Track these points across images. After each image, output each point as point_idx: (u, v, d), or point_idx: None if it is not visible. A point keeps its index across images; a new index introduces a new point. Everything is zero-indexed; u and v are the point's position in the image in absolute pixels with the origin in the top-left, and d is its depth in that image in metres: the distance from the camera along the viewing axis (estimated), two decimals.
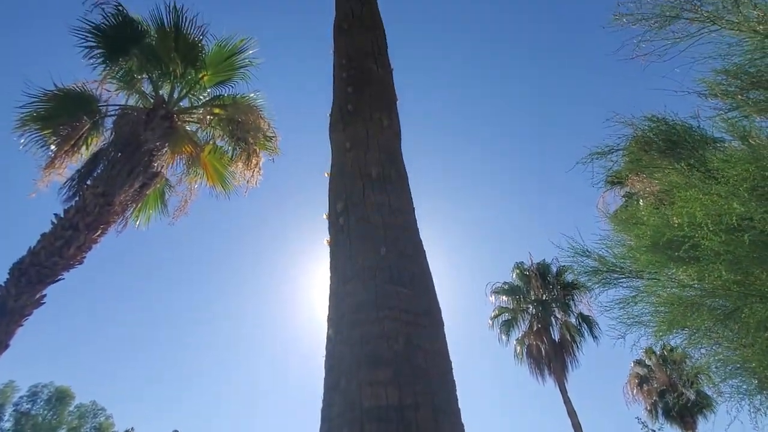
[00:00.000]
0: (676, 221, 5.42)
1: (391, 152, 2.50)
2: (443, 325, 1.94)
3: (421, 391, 1.59)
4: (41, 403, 35.23)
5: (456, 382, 1.78)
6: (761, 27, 5.54)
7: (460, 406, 1.68)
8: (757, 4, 5.55)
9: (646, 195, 8.12)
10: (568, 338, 15.64)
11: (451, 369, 1.81)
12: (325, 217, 2.38)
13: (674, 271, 5.91)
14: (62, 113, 7.05)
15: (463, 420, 1.68)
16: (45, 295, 5.85)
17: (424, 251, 2.19)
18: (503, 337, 16.38)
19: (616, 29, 6.19)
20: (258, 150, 8.16)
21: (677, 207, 5.48)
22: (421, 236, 2.21)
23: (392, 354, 1.69)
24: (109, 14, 6.87)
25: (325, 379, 1.79)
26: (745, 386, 6.03)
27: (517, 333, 16.52)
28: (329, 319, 1.97)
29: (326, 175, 2.52)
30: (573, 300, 16.06)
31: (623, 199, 9.31)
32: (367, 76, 2.85)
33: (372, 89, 2.77)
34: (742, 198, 4.96)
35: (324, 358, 1.88)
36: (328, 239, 2.25)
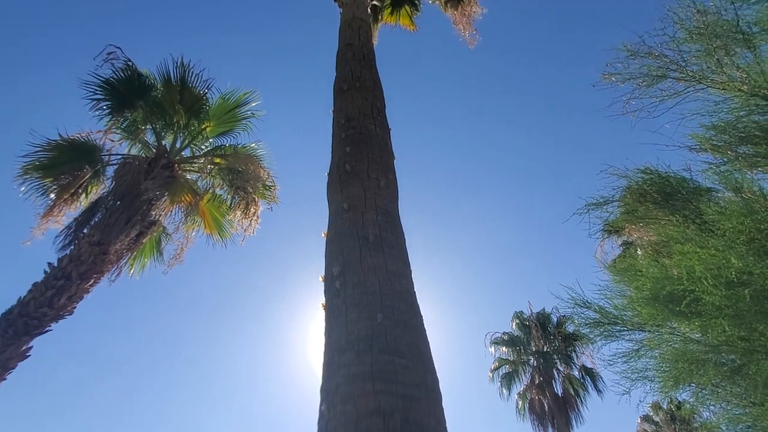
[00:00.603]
0: (676, 273, 5.40)
1: (388, 214, 2.51)
2: (441, 397, 1.87)
3: None
4: None
5: None
6: (745, 87, 5.78)
7: None
8: (739, 65, 5.82)
9: (643, 245, 8.14)
10: (572, 392, 15.12)
11: None
12: (321, 279, 2.35)
13: (677, 325, 5.82)
14: (64, 162, 7.16)
15: None
16: (31, 347, 5.70)
17: (422, 316, 2.15)
18: (504, 390, 15.85)
19: (606, 87, 6.45)
20: (257, 199, 8.23)
21: (676, 260, 5.48)
22: (417, 299, 2.18)
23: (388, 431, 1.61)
24: (118, 69, 7.15)
25: None
26: None
27: (518, 386, 16.00)
28: (322, 391, 1.90)
29: (323, 235, 2.52)
30: (575, 352, 15.67)
31: (621, 248, 9.32)
32: (365, 136, 2.91)
33: (370, 149, 2.83)
34: (740, 252, 4.97)
35: None
36: (324, 303, 2.21)
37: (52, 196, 7.13)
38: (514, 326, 16.80)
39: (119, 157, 7.65)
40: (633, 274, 6.66)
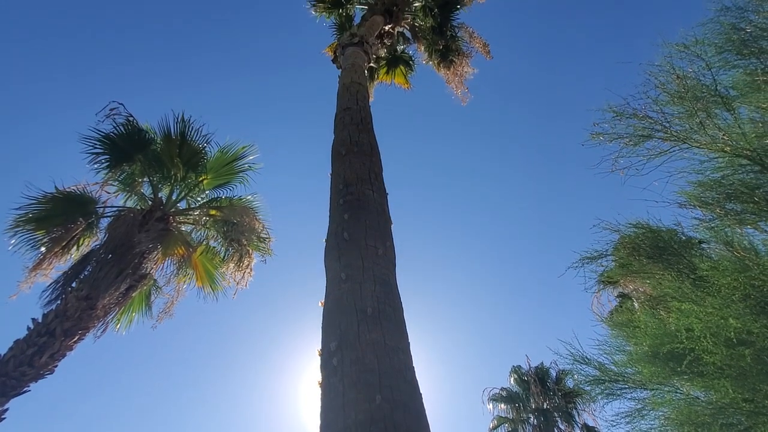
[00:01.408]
0: (674, 328, 5.35)
1: (387, 283, 2.50)
2: None
3: None
4: None
5: None
6: (728, 148, 6.00)
7: None
8: (720, 126, 6.08)
9: (639, 297, 8.10)
10: None
11: None
12: (317, 353, 2.30)
13: (680, 384, 5.69)
14: (58, 215, 7.13)
15: None
16: (7, 410, 5.41)
17: (421, 395, 2.08)
18: None
19: (595, 145, 6.66)
20: (251, 251, 8.18)
21: (674, 317, 5.45)
22: (416, 375, 2.12)
23: None
24: (119, 124, 7.30)
25: None
26: None
27: None
28: None
29: (320, 304, 2.50)
30: (576, 409, 15.12)
31: (617, 300, 9.26)
32: (363, 202, 2.95)
33: (368, 216, 2.86)
34: (737, 311, 4.96)
35: None
36: (320, 381, 2.15)
37: (43, 249, 7.04)
38: (512, 381, 16.29)
39: (114, 209, 7.65)
40: (632, 329, 6.59)
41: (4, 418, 5.40)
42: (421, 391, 2.08)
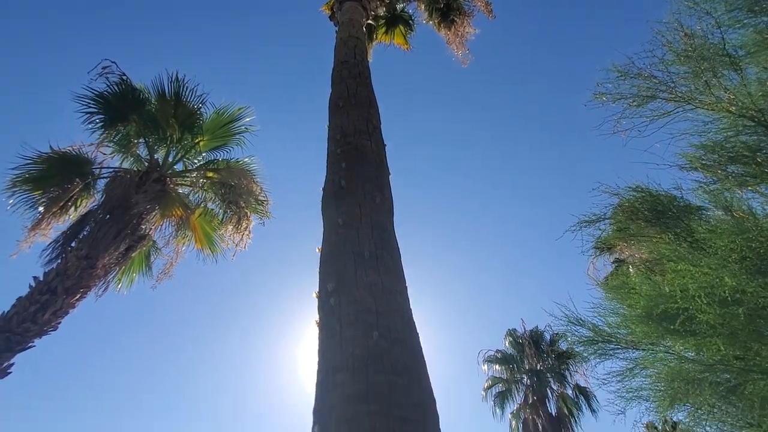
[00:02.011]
0: (668, 290, 5.39)
1: (384, 230, 2.47)
2: (438, 418, 1.80)
3: None
4: None
5: None
6: (733, 108, 5.88)
7: None
8: (726, 87, 5.93)
9: (635, 262, 8.15)
10: (566, 412, 14.91)
11: None
12: (314, 295, 2.29)
13: (672, 343, 5.78)
14: (55, 175, 7.06)
15: None
16: (12, 364, 5.50)
17: (418, 335, 2.09)
18: (497, 410, 15.61)
19: (597, 106, 6.53)
20: (249, 213, 8.15)
21: (669, 278, 5.47)
22: (413, 316, 2.12)
23: None
24: (113, 83, 7.11)
25: None
26: None
27: (511, 405, 15.76)
28: (315, 412, 1.82)
29: (318, 251, 2.47)
30: (569, 370, 15.52)
31: (613, 265, 9.32)
32: (361, 152, 2.89)
33: (365, 165, 2.81)
34: (733, 271, 4.97)
35: None
36: (317, 320, 2.15)
37: (41, 209, 7.00)
38: (507, 344, 16.66)
39: (110, 170, 7.56)
40: (626, 291, 6.64)
41: (10, 372, 5.50)
42: (417, 332, 2.08)
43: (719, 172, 6.12)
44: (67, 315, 6.03)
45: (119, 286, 7.78)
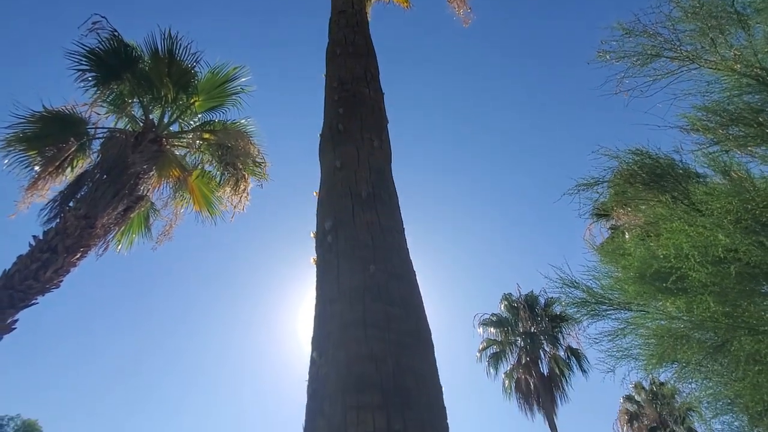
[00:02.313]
0: (662, 253, 5.46)
1: (382, 173, 2.48)
2: (433, 347, 1.86)
3: (411, 417, 1.49)
4: None
5: (446, 409, 1.68)
6: (738, 66, 5.78)
7: None
8: (733, 45, 5.82)
9: (631, 228, 8.21)
10: (557, 372, 15.41)
11: (442, 394, 1.72)
12: (312, 235, 2.31)
13: (662, 302, 5.90)
14: (49, 134, 6.97)
15: None
16: (17, 320, 5.60)
17: (414, 272, 2.13)
18: (491, 370, 16.12)
19: (600, 65, 6.42)
20: (246, 175, 8.11)
21: (664, 238, 5.53)
22: (410, 255, 2.16)
23: (380, 377, 1.60)
24: (104, 39, 6.91)
25: (307, 404, 1.68)
26: (737, 423, 5.92)
27: (505, 366, 16.27)
28: (313, 340, 1.87)
29: (315, 194, 2.48)
30: (561, 333, 15.94)
31: (609, 232, 9.41)
32: (358, 98, 2.86)
33: (363, 110, 2.78)
34: (727, 230, 5.02)
35: (306, 383, 1.77)
36: (315, 258, 2.18)
37: (37, 168, 6.95)
38: (502, 308, 17.02)
39: (105, 130, 7.46)
40: (620, 254, 6.73)
41: (15, 328, 5.61)
42: (414, 270, 2.12)
43: (720, 132, 6.09)
44: (69, 273, 6.10)
45: (119, 247, 7.84)
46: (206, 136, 8.07)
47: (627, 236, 8.26)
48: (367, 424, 1.44)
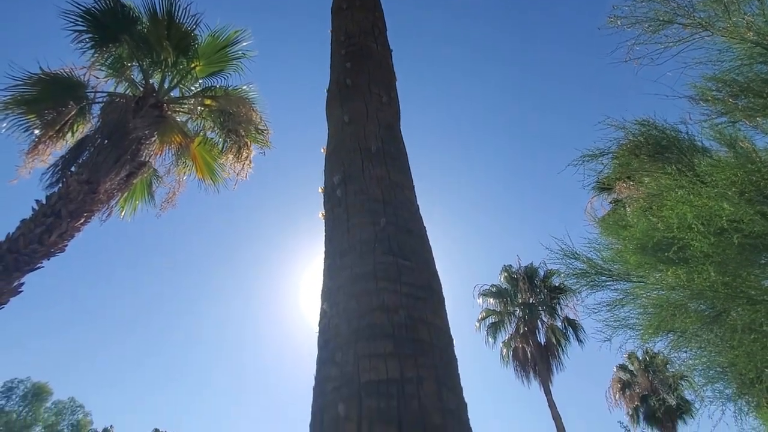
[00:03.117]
0: (662, 226, 5.46)
1: (391, 128, 2.44)
2: (444, 301, 1.86)
3: (423, 364, 1.50)
4: (16, 399, 34.20)
5: (458, 360, 1.69)
6: (750, 34, 5.62)
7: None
8: (746, 12, 5.64)
9: (633, 201, 8.17)
10: (554, 341, 15.70)
11: (453, 345, 1.73)
12: (320, 191, 2.28)
13: (663, 273, 5.93)
14: (48, 98, 6.83)
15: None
16: (23, 284, 5.64)
17: (425, 228, 2.11)
18: (490, 339, 16.41)
19: (611, 32, 6.25)
20: (249, 143, 8.02)
21: (667, 208, 5.51)
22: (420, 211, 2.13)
23: (392, 326, 1.60)
24: None
25: (318, 355, 1.69)
26: (728, 390, 6.05)
27: (503, 335, 16.56)
28: (323, 293, 1.87)
29: (323, 151, 2.44)
30: (559, 304, 16.15)
31: (611, 205, 9.38)
32: (366, 52, 2.78)
33: (371, 65, 2.71)
34: (732, 201, 5.00)
35: (317, 334, 1.77)
36: (323, 213, 2.16)
37: (37, 132, 6.85)
38: (502, 279, 17.17)
39: (105, 94, 7.33)
40: (622, 226, 6.72)
41: (21, 291, 5.65)
42: (424, 225, 2.10)
43: (729, 102, 5.99)
44: (73, 238, 6.10)
45: (123, 213, 7.83)
46: (208, 102, 7.94)
47: (628, 210, 8.24)
48: (379, 371, 1.45)
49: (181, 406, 51.38)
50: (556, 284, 16.02)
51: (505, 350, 16.22)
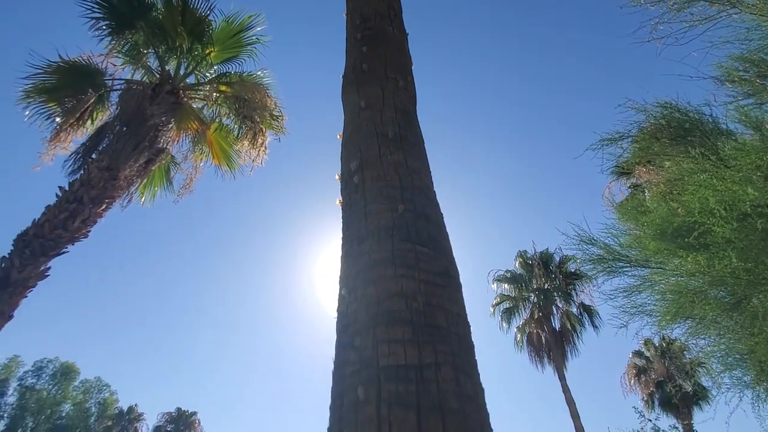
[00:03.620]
0: (682, 211, 5.35)
1: (407, 113, 2.42)
2: (461, 287, 1.86)
3: (441, 350, 1.51)
4: (46, 378, 35.65)
5: (475, 345, 1.70)
6: None
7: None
8: None
9: (652, 185, 8.01)
10: (569, 327, 15.63)
11: (470, 331, 1.73)
12: (337, 177, 2.28)
13: (682, 258, 5.83)
14: (67, 86, 6.94)
15: None
16: (49, 268, 5.81)
17: (442, 214, 2.10)
18: (504, 324, 16.41)
19: (633, 11, 6.05)
20: (264, 129, 8.05)
21: (688, 193, 5.39)
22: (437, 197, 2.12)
23: (411, 312, 1.62)
24: None
25: (337, 339, 1.71)
26: (747, 378, 5.97)
27: (517, 321, 16.55)
28: (341, 279, 1.89)
29: (339, 137, 2.43)
30: (575, 290, 16.01)
31: (629, 190, 9.21)
32: (382, 36, 2.74)
33: (387, 49, 2.68)
34: (757, 186, 4.86)
35: (336, 319, 1.79)
36: (341, 200, 2.16)
37: (58, 119, 6.98)
38: (517, 265, 17.08)
39: (122, 82, 7.40)
40: (641, 211, 6.61)
41: (48, 275, 5.83)
42: (442, 212, 2.10)
43: (757, 83, 5.79)
44: (96, 224, 6.24)
45: (143, 200, 7.97)
46: (223, 88, 7.97)
47: (648, 195, 8.08)
48: (398, 355, 1.47)
49: (202, 387, 52.93)
50: (572, 270, 15.88)
51: (519, 335, 16.22)
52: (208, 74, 8.10)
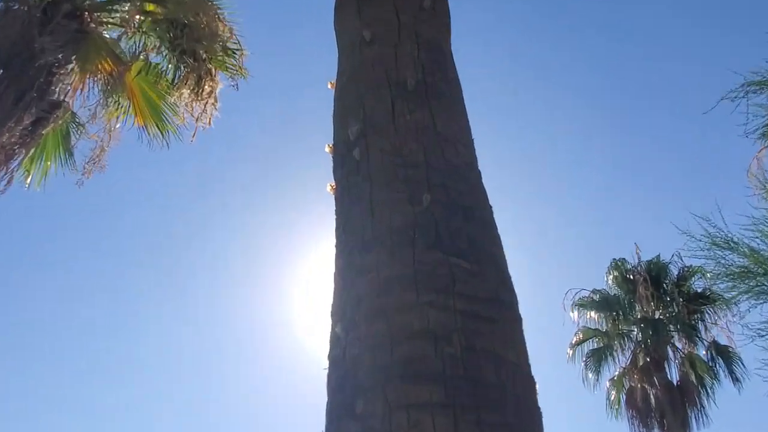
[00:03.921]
0: None
1: (438, 49, 2.41)
2: (521, 321, 1.87)
3: (490, 421, 1.52)
4: None
5: (542, 412, 1.71)
6: None
7: None
8: None
9: None
10: (693, 380, 15.57)
11: (536, 390, 1.75)
12: (328, 150, 2.30)
13: None
14: None
15: None
16: None
17: (491, 206, 2.11)
18: (590, 375, 16.40)
19: None
20: (213, 69, 8.11)
21: None
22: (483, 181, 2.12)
23: (442, 362, 1.62)
24: None
25: (328, 402, 1.74)
26: None
27: (612, 369, 16.52)
28: (335, 309, 1.92)
29: (330, 86, 2.45)
30: (703, 320, 15.93)
31: None
32: None
33: None
34: None
35: (327, 371, 1.82)
36: (333, 185, 2.18)
37: None
38: (610, 281, 16.99)
39: None
40: None
41: None
42: (490, 204, 2.11)
43: None
44: None
45: (29, 179, 8.09)
46: (150, 7, 8.03)
47: None
48: (423, 429, 1.48)
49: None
50: (699, 290, 15.75)
51: (614, 392, 16.21)
52: None
